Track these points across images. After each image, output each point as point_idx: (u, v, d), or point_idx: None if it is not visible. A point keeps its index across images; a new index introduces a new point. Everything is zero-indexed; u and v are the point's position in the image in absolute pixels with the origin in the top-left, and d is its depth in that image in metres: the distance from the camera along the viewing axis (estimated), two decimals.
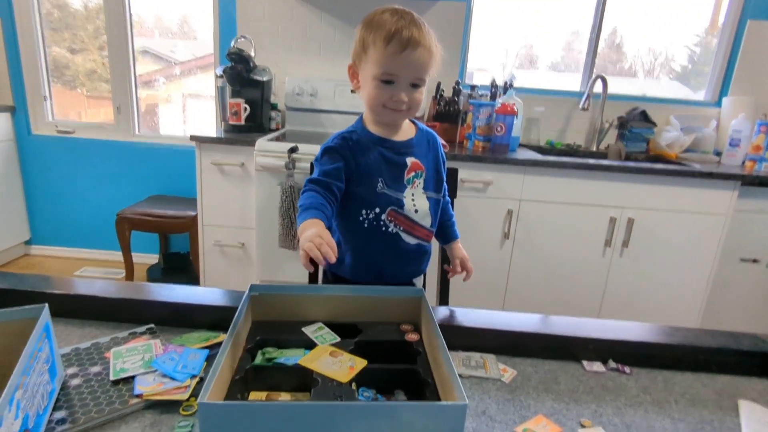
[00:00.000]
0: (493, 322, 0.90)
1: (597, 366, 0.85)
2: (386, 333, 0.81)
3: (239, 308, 0.74)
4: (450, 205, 1.18)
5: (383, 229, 1.00)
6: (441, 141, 1.11)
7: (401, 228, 1.02)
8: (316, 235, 0.79)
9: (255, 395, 0.68)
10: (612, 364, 0.86)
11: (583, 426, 0.69)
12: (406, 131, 1.04)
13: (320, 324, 0.82)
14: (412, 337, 0.80)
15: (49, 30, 2.84)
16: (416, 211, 1.02)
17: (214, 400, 0.55)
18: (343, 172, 0.96)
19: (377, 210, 0.99)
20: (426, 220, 1.04)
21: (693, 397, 0.79)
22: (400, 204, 1.00)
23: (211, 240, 2.29)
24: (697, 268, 2.17)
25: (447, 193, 1.16)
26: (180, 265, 2.84)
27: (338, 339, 0.78)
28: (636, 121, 2.53)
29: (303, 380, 0.69)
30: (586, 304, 2.25)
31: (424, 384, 0.68)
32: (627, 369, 0.85)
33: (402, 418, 0.54)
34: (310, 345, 0.76)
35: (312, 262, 0.79)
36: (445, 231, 1.16)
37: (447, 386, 0.63)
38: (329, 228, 0.90)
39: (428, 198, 1.04)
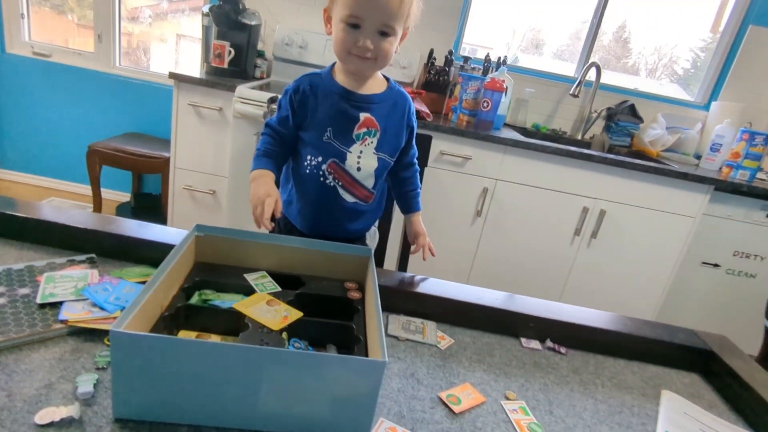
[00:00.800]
0: (439, 290, 0.90)
1: (534, 344, 0.86)
2: (329, 288, 0.80)
3: (179, 244, 0.73)
4: (418, 175, 1.15)
5: (321, 179, 0.99)
6: (421, 108, 1.08)
7: (339, 183, 1.00)
8: (261, 200, 0.86)
9: (184, 334, 0.67)
10: (549, 343, 0.87)
11: (507, 398, 0.71)
12: (373, 86, 1.00)
13: (263, 272, 0.81)
14: (354, 295, 0.80)
15: None
16: (359, 169, 0.99)
17: (131, 330, 0.54)
18: (290, 120, 0.98)
19: (320, 159, 0.98)
20: (368, 181, 1.02)
21: (620, 383, 0.81)
22: (343, 158, 0.98)
23: (182, 183, 2.25)
24: (660, 266, 2.21)
25: (416, 161, 1.14)
26: (151, 206, 2.80)
27: (279, 289, 0.77)
28: (624, 114, 2.52)
29: (235, 325, 0.68)
30: (548, 289, 2.28)
31: (356, 341, 0.68)
32: (563, 350, 0.86)
33: (322, 368, 0.53)
34: (249, 292, 0.75)
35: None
36: (407, 201, 1.13)
37: (374, 344, 0.63)
38: (277, 177, 0.95)
39: (378, 159, 1.01)
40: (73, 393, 0.56)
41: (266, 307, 0.71)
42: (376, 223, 1.19)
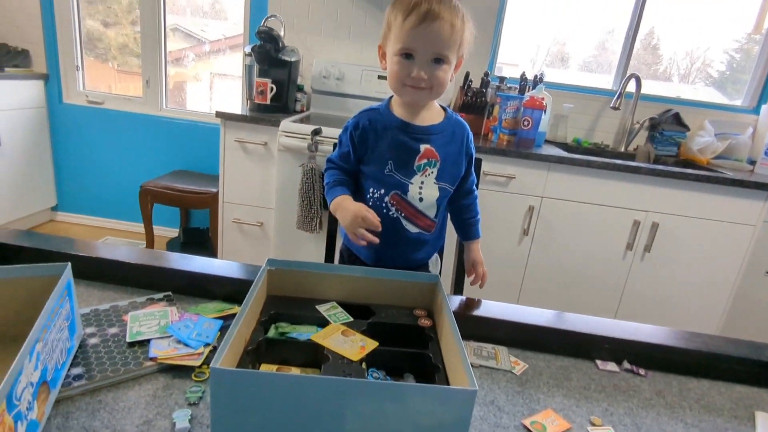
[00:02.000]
0: (507, 314, 0.89)
1: (611, 366, 0.84)
2: (399, 316, 0.81)
3: (255, 280, 0.75)
4: (477, 201, 1.14)
5: (385, 211, 1.00)
6: (470, 134, 1.08)
7: (402, 214, 1.01)
8: (357, 216, 0.91)
9: (266, 367, 0.68)
10: (626, 365, 0.84)
11: (593, 424, 0.68)
12: (431, 116, 1.01)
13: (334, 303, 0.82)
14: (425, 322, 0.80)
15: (84, 2, 2.89)
16: (421, 199, 1.00)
17: (226, 367, 0.55)
18: (352, 156, 1.02)
19: (383, 191, 1.00)
20: (430, 211, 1.02)
21: (708, 405, 0.77)
22: (405, 189, 0.99)
23: (230, 217, 2.32)
24: (720, 278, 2.11)
25: (475, 187, 1.13)
26: (199, 240, 2.89)
27: (351, 319, 0.78)
28: (668, 123, 2.46)
29: (314, 356, 0.69)
30: (603, 306, 2.21)
31: (435, 369, 0.68)
32: (641, 371, 0.83)
33: (410, 400, 0.53)
34: (323, 323, 0.77)
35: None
36: (467, 228, 1.13)
37: (458, 372, 0.62)
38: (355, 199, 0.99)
39: (440, 188, 1.01)
40: (171, 429, 0.57)
41: (342, 338, 0.72)
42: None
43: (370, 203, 1.00)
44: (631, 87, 2.46)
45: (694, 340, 0.88)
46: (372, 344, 0.71)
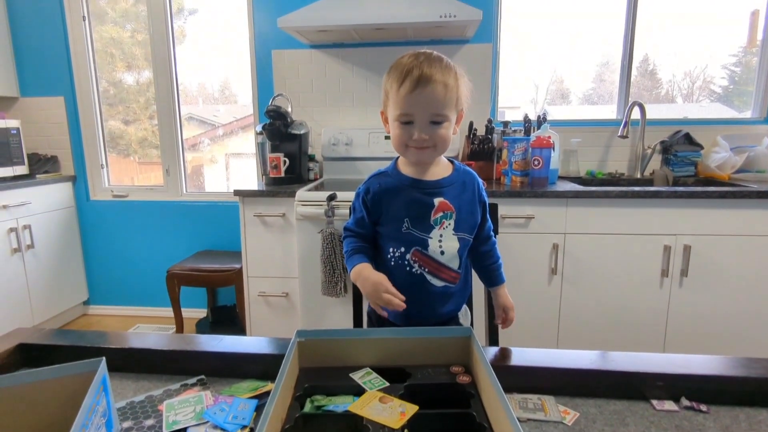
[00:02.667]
0: (549, 360, 0.85)
1: (668, 405, 0.78)
2: (436, 376, 0.78)
3: (287, 354, 0.74)
4: (496, 246, 1.13)
5: (408, 269, 0.99)
6: (482, 184, 1.09)
7: (426, 269, 1.00)
8: (376, 285, 0.94)
9: None
10: (685, 402, 0.79)
11: None
12: (439, 171, 1.03)
13: (368, 369, 0.80)
14: (463, 379, 0.77)
15: (105, 105, 3.10)
16: (442, 252, 0.99)
17: None
18: (367, 220, 1.03)
19: (403, 249, 0.99)
20: (453, 262, 1.01)
21: None
22: (425, 245, 0.98)
23: (255, 291, 2.33)
24: (766, 294, 2.01)
25: (492, 233, 1.13)
26: (227, 318, 2.89)
27: (387, 384, 0.76)
28: (680, 144, 2.45)
29: (353, 428, 0.67)
30: (648, 339, 2.11)
31: (481, 429, 0.64)
32: (703, 407, 0.77)
33: None
34: (358, 391, 0.74)
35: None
36: (490, 274, 1.11)
37: (505, 429, 0.59)
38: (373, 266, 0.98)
39: (459, 239, 1.01)
40: None
41: (380, 405, 0.69)
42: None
43: (392, 263, 1.00)
44: (636, 114, 2.47)
45: (754, 366, 0.82)
46: (412, 408, 0.68)
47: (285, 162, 2.38)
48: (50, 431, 0.64)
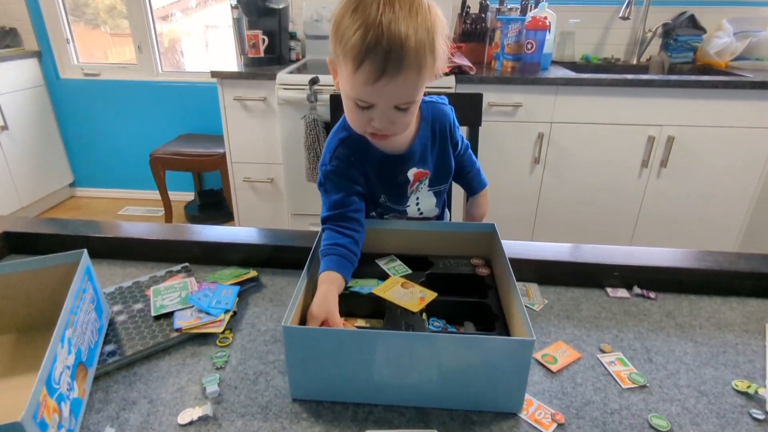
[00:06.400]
0: (528, 252, 0.89)
1: (621, 292, 0.85)
2: (457, 267, 0.82)
3: (316, 240, 0.79)
4: (474, 156, 1.05)
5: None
6: (462, 63, 0.98)
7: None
8: (316, 319, 0.65)
9: None
10: (637, 290, 0.85)
11: (602, 351, 0.71)
12: (408, 131, 0.87)
13: (393, 256, 0.85)
14: (482, 271, 0.81)
15: None
16: (421, 213, 0.96)
17: (295, 325, 0.61)
18: (353, 192, 0.85)
19: (380, 210, 0.95)
20: (432, 213, 0.98)
21: (719, 321, 0.78)
22: (403, 213, 0.95)
23: (241, 177, 2.34)
24: (741, 186, 2.07)
25: (471, 152, 1.04)
26: (215, 202, 2.94)
27: (410, 271, 0.80)
28: (683, 27, 2.31)
29: (376, 308, 0.72)
30: (620, 230, 2.21)
31: (495, 318, 0.70)
32: (652, 294, 0.84)
33: (474, 350, 0.56)
34: (383, 276, 0.79)
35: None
36: (469, 182, 1.04)
37: (516, 321, 0.64)
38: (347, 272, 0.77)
39: (435, 194, 0.96)
40: (203, 393, 0.62)
41: (402, 290, 0.74)
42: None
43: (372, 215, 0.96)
44: None
45: (706, 258, 0.88)
46: (431, 295, 0.73)
47: (264, 40, 2.23)
48: (45, 318, 0.68)
